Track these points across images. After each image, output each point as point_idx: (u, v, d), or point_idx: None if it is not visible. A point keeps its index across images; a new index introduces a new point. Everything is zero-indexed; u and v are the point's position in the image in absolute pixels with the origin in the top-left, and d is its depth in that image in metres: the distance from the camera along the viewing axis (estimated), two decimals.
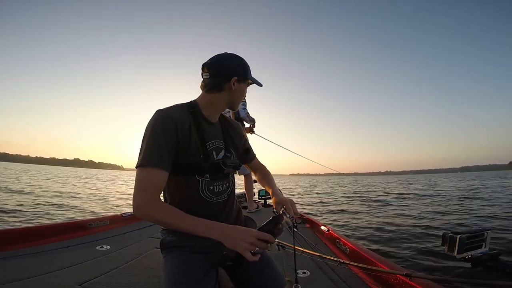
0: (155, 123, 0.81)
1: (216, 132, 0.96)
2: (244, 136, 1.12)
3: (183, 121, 0.84)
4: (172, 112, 0.83)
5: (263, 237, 0.70)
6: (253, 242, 0.69)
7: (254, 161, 1.18)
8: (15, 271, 1.29)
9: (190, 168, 0.86)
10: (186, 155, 0.84)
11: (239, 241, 0.69)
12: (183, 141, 0.83)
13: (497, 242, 3.22)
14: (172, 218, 0.75)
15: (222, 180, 0.93)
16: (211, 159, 0.89)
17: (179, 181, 0.87)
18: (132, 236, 2.12)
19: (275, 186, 1.06)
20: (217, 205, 0.92)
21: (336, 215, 6.36)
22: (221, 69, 0.89)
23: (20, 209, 5.43)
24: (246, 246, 0.69)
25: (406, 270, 1.16)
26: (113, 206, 6.94)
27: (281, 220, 0.76)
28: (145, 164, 0.77)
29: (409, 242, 3.65)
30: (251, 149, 1.16)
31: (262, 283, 0.87)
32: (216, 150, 0.93)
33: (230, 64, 0.91)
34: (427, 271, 2.53)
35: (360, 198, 10.35)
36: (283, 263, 1.63)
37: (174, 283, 0.76)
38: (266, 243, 0.71)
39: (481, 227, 0.85)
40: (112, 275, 1.33)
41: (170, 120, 0.81)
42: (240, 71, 0.92)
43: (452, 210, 6.61)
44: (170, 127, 0.80)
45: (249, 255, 0.68)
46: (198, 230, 0.73)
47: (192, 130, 0.86)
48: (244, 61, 0.95)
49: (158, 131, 0.79)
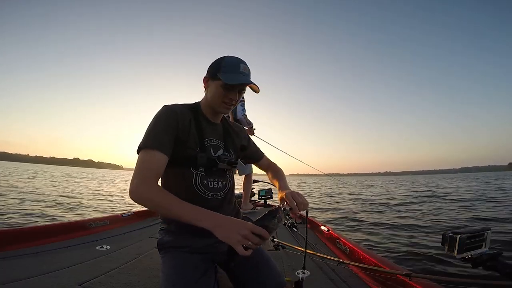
0: (160, 114, 0.88)
1: (216, 132, 0.99)
2: (248, 138, 1.14)
3: (184, 116, 0.90)
4: (175, 107, 0.91)
5: (257, 231, 0.66)
6: (247, 235, 0.65)
7: (263, 160, 1.18)
8: (15, 271, 1.29)
9: (186, 160, 0.89)
10: (184, 148, 0.88)
11: (232, 233, 0.65)
12: (183, 132, 0.88)
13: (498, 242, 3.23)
14: (167, 202, 0.74)
15: (217, 177, 0.94)
16: (208, 153, 0.92)
17: (175, 173, 0.90)
18: (132, 236, 2.12)
19: (283, 181, 1.04)
20: (213, 202, 0.93)
21: (334, 214, 6.36)
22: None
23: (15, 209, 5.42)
24: (239, 239, 0.64)
25: (406, 270, 1.16)
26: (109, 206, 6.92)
27: (276, 214, 0.72)
28: (144, 146, 0.81)
29: (409, 242, 3.65)
30: (258, 148, 1.18)
31: (261, 283, 0.87)
32: (214, 147, 0.95)
33: (211, 64, 0.93)
34: (427, 271, 2.53)
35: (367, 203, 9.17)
36: (283, 263, 1.63)
37: (172, 283, 0.77)
38: (260, 238, 0.67)
39: (481, 227, 0.85)
40: (112, 275, 1.33)
41: (173, 113, 0.88)
42: (212, 68, 0.92)
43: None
44: (172, 118, 0.87)
45: (241, 248, 0.64)
46: (191, 216, 0.71)
47: (192, 125, 0.91)
48: (223, 60, 0.91)
49: (162, 120, 0.86)
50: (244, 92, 0.97)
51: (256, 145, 1.19)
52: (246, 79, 0.91)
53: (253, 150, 1.16)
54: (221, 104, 0.92)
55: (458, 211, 6.45)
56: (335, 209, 7.29)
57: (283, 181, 1.04)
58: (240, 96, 0.95)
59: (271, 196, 3.99)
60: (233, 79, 0.87)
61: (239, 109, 3.26)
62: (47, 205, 6.21)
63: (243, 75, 0.90)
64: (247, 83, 0.90)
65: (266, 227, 0.69)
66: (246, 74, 0.91)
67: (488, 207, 7.00)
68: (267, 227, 0.69)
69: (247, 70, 0.92)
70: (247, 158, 1.17)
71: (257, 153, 1.18)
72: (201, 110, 0.97)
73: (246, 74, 0.91)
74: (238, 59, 0.92)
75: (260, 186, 4.58)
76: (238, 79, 0.88)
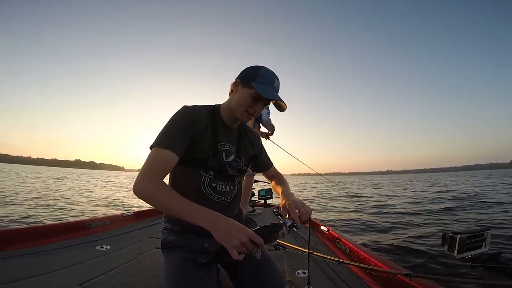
0: (178, 113, 0.88)
1: (231, 136, 0.99)
2: (261, 147, 1.14)
3: (202, 118, 0.90)
4: (194, 108, 0.91)
5: (256, 239, 0.65)
6: (245, 241, 0.64)
7: (271, 170, 1.19)
8: (15, 271, 1.29)
9: (197, 162, 0.89)
10: (197, 150, 0.88)
11: (230, 237, 0.64)
12: (198, 135, 0.88)
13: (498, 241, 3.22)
14: (168, 198, 0.73)
15: (226, 181, 0.95)
16: (219, 158, 0.92)
17: (184, 172, 0.90)
18: (132, 236, 2.12)
19: (286, 189, 1.02)
20: (220, 204, 0.93)
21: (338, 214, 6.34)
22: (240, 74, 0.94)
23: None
24: (236, 244, 0.63)
25: (406, 270, 1.16)
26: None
27: (279, 229, 0.73)
28: (157, 145, 0.81)
29: (409, 241, 3.65)
30: (268, 158, 1.19)
31: (262, 283, 0.87)
32: (226, 152, 0.95)
33: (245, 69, 0.93)
34: (427, 271, 2.53)
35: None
36: (283, 263, 1.63)
37: (175, 282, 0.77)
38: (255, 246, 0.66)
39: (481, 227, 0.85)
40: (112, 275, 1.33)
41: (191, 114, 0.88)
42: (245, 74, 0.92)
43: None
44: (190, 119, 0.87)
45: (235, 253, 0.63)
46: (190, 215, 0.70)
47: (208, 128, 0.91)
48: (261, 69, 0.90)
49: (179, 120, 0.87)
50: (268, 105, 0.97)
51: (267, 154, 1.19)
52: (278, 95, 0.90)
53: (264, 160, 1.16)
54: (244, 113, 0.91)
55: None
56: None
57: (286, 188, 1.03)
58: (262, 109, 0.95)
59: (271, 196, 3.99)
60: (267, 93, 0.86)
61: (265, 112, 3.23)
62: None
63: (275, 90, 0.90)
64: (279, 100, 0.89)
65: (266, 238, 0.68)
66: (277, 90, 0.91)
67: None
68: (266, 238, 0.68)
69: (278, 87, 0.92)
70: (257, 167, 1.16)
71: (267, 163, 1.18)
72: (220, 113, 0.96)
73: (277, 90, 0.91)
74: (274, 74, 0.91)
75: (260, 186, 4.58)
76: (271, 93, 0.87)
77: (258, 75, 0.88)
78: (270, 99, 0.89)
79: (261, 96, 0.86)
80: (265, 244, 0.68)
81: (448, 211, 6.33)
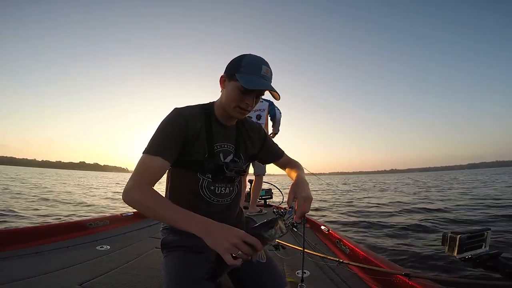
0: (168, 118, 0.84)
1: (228, 135, 0.94)
2: (264, 137, 1.07)
3: (195, 119, 0.86)
4: (185, 110, 0.86)
5: (249, 240, 0.60)
6: (236, 243, 0.59)
7: (284, 159, 1.12)
8: (15, 271, 1.29)
9: (194, 165, 0.87)
10: (193, 152, 0.86)
11: (221, 240, 0.60)
12: (192, 137, 0.84)
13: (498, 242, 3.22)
14: (156, 205, 0.70)
15: (225, 183, 0.92)
16: (217, 160, 0.89)
17: (181, 176, 0.88)
18: (132, 236, 2.13)
19: (300, 172, 0.95)
20: (219, 207, 0.92)
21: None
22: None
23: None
24: (228, 247, 0.59)
25: (406, 270, 1.16)
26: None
27: (274, 224, 0.65)
28: (146, 152, 0.79)
29: (409, 242, 3.65)
30: (278, 148, 1.12)
31: (262, 283, 0.87)
32: (224, 152, 0.92)
33: (229, 62, 0.86)
34: (427, 271, 2.53)
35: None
36: (283, 263, 1.63)
37: (175, 282, 0.77)
38: (252, 249, 0.61)
39: (481, 227, 0.85)
40: (112, 275, 1.33)
41: (181, 116, 0.84)
42: (229, 67, 0.84)
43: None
44: (180, 122, 0.83)
45: (228, 257, 0.58)
46: (179, 221, 0.66)
47: (202, 129, 0.87)
48: (244, 58, 0.82)
49: (168, 124, 0.83)
50: (262, 96, 0.87)
51: (275, 144, 1.12)
52: (266, 84, 0.81)
53: (271, 150, 1.10)
54: (235, 109, 0.83)
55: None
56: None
57: (300, 172, 0.96)
58: (257, 101, 0.86)
59: (271, 196, 3.98)
60: (252, 83, 0.77)
61: (278, 111, 3.23)
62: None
63: (264, 78, 0.81)
64: (267, 89, 0.80)
65: (261, 237, 0.63)
66: (267, 78, 0.82)
67: None
68: (261, 237, 0.63)
69: (269, 73, 0.82)
70: (268, 157, 1.09)
71: (277, 153, 1.11)
72: (214, 112, 0.91)
73: (267, 77, 0.82)
74: (260, 60, 0.82)
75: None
76: (257, 83, 0.78)
77: (241, 65, 0.80)
78: (254, 90, 0.79)
79: (243, 86, 0.77)
80: (264, 244, 0.63)
81: (447, 211, 6.35)
